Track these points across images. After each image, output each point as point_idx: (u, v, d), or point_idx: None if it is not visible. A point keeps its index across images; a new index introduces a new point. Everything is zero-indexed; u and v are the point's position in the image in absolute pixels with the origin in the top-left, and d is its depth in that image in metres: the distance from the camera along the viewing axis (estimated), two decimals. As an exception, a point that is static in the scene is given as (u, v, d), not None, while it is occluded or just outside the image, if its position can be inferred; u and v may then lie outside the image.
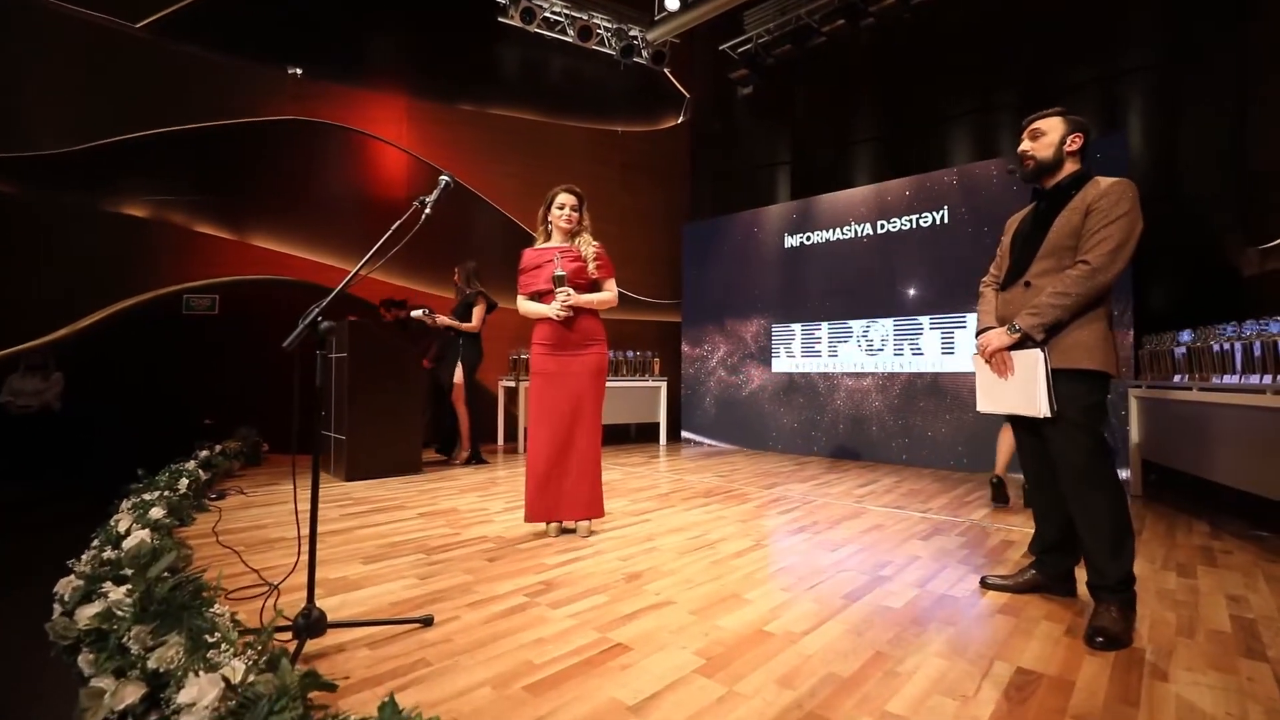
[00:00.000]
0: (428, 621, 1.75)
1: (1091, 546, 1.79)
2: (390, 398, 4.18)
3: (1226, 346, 2.76)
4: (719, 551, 2.55)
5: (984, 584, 2.12)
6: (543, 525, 2.78)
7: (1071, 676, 1.49)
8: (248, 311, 5.47)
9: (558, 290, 2.63)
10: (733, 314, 6.39)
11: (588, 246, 2.73)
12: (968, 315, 4.81)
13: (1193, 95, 4.45)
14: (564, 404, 2.69)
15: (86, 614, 1.40)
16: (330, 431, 4.23)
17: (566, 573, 2.25)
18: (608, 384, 2.90)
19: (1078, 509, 1.80)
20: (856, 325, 5.45)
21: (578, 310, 2.68)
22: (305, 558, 1.62)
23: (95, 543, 2.09)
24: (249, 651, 1.25)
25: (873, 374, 5.35)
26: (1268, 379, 2.52)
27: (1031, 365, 1.82)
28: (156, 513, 2.28)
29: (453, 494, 3.67)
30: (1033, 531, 2.10)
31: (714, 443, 6.40)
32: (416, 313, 4.59)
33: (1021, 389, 1.85)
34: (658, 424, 6.57)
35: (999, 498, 3.51)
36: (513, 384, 5.87)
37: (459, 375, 4.85)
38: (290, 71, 5.64)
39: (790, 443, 5.83)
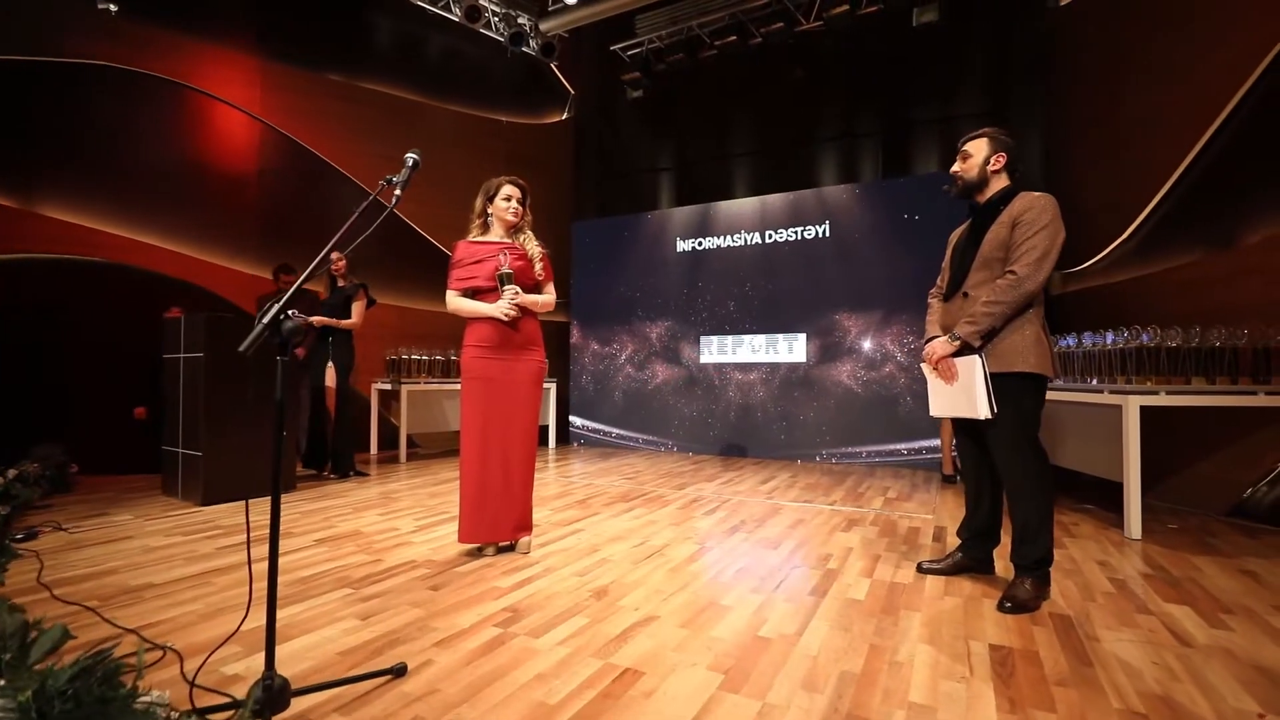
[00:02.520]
0: (400, 671, 1.50)
1: (1019, 532, 2.04)
2: (257, 404, 3.57)
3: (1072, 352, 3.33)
4: (670, 558, 2.52)
5: (920, 569, 2.33)
6: (471, 544, 2.54)
7: (1033, 647, 1.69)
8: (37, 299, 4.34)
9: (505, 289, 2.42)
10: (629, 314, 6.41)
11: (534, 245, 2.55)
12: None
13: (1019, 139, 5.31)
14: (504, 413, 2.49)
15: (-68, 727, 0.99)
16: (178, 446, 3.50)
17: (527, 595, 2.07)
18: None
19: (1011, 500, 2.05)
20: (747, 337, 5.76)
21: (522, 311, 2.49)
22: (242, 607, 1.31)
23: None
24: (225, 745, 0.97)
25: (758, 366, 5.70)
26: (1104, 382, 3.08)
27: (970, 370, 2.03)
28: (-31, 568, 1.70)
29: (347, 514, 3.23)
30: (931, 516, 2.36)
31: (623, 432, 6.35)
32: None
33: (964, 393, 2.06)
34: (546, 426, 6.38)
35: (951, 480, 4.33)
36: (389, 387, 5.34)
37: (331, 378, 4.30)
38: (101, 5, 4.58)
39: (690, 432, 6.00)
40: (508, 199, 2.48)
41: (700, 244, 6.07)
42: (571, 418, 6.68)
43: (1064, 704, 1.39)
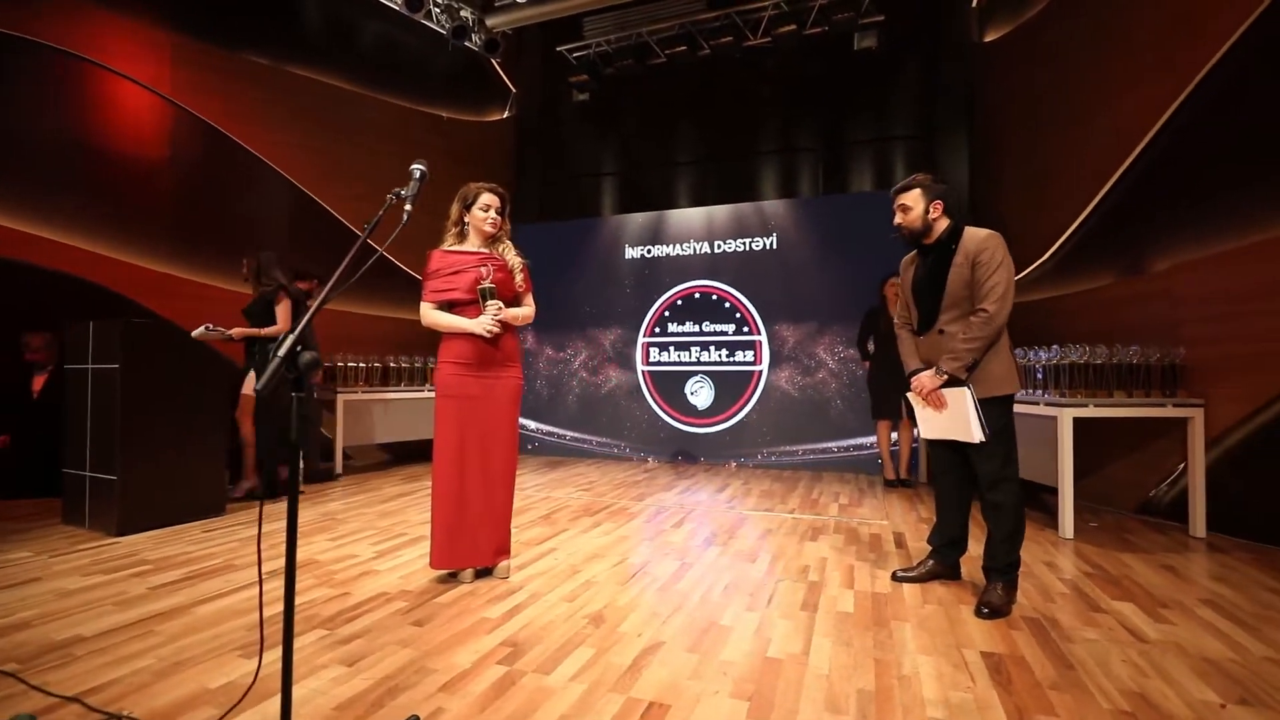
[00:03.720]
0: (413, 724, 1.40)
1: (993, 537, 2.19)
2: (181, 420, 3.21)
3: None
4: (655, 576, 2.50)
5: (895, 578, 2.44)
6: (445, 570, 2.41)
7: (1018, 652, 1.80)
8: (-109, 297, 3.71)
9: (487, 304, 2.31)
10: (580, 319, 6.30)
11: (513, 255, 2.45)
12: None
13: (945, 162, 5.71)
14: (484, 432, 2.38)
15: None
16: (85, 470, 3.09)
17: (522, 626, 1.99)
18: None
19: (988, 509, 2.19)
20: (695, 346, 5.84)
21: (503, 326, 2.39)
22: (202, 658, 1.17)
23: None
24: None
25: (706, 371, 5.81)
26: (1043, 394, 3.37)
27: (962, 400, 2.15)
28: None
29: (293, 540, 2.97)
30: (886, 522, 2.49)
31: (577, 434, 6.24)
32: (198, 331, 3.51)
33: (956, 420, 2.18)
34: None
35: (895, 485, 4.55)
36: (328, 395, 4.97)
37: (249, 385, 3.93)
38: (-26, -41, 3.96)
39: (641, 435, 6.01)
40: (486, 208, 2.38)
41: (649, 251, 6.09)
42: (525, 421, 6.50)
43: (1063, 708, 1.50)
